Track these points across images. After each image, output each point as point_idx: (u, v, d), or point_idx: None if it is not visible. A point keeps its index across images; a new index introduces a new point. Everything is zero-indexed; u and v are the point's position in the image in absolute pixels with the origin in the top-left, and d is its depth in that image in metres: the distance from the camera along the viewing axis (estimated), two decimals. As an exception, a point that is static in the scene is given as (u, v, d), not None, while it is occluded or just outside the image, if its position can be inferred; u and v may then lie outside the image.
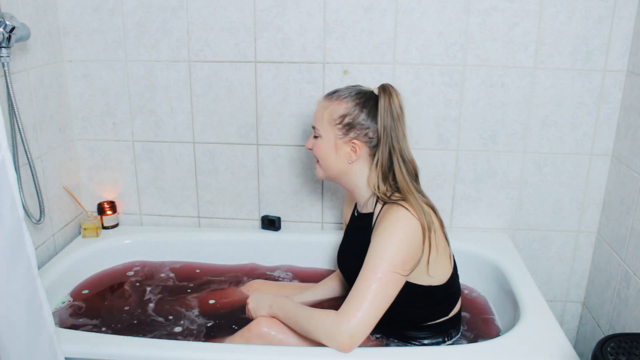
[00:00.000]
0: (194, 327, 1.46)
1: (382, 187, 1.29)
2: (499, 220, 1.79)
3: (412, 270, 1.22)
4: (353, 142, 1.30)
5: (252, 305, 1.37)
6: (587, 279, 1.83)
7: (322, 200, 1.82)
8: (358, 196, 1.37)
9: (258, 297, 1.38)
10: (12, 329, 1.01)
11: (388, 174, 1.30)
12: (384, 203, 1.28)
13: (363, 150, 1.31)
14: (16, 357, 1.03)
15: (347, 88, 1.35)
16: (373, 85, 1.66)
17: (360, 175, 1.34)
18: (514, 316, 1.40)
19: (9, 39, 1.36)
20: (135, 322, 1.49)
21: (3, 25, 1.34)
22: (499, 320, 1.51)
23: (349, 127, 1.30)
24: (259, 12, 1.64)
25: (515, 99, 1.66)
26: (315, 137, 1.35)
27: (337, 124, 1.30)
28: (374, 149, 1.31)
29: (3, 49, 1.36)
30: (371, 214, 1.32)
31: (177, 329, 1.45)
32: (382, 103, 1.29)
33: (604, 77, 1.61)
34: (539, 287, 1.48)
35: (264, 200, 1.85)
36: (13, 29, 1.36)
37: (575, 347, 1.87)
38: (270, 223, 1.84)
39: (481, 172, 1.74)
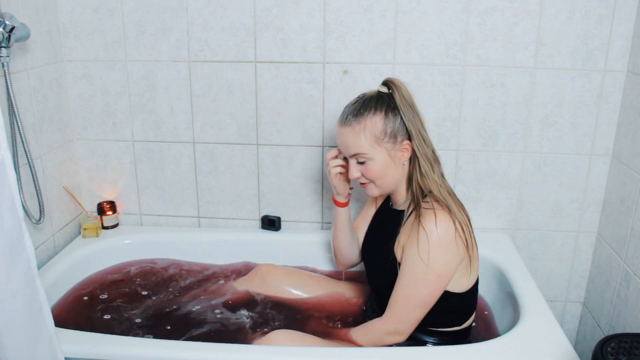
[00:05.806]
0: (194, 327, 1.46)
1: (420, 182, 1.29)
2: (499, 220, 1.79)
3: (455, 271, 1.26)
4: (406, 145, 1.29)
5: None
6: (587, 279, 1.83)
7: (322, 200, 1.82)
8: (399, 194, 1.36)
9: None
10: (12, 329, 1.01)
11: (434, 163, 1.30)
12: (417, 204, 1.27)
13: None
14: (16, 357, 1.03)
15: (358, 103, 1.31)
16: (373, 86, 1.66)
17: (406, 172, 1.33)
18: (514, 316, 1.40)
19: (8, 38, 1.36)
20: (135, 322, 1.48)
21: (3, 25, 1.34)
22: (499, 320, 1.51)
23: (393, 134, 1.28)
24: (259, 12, 1.64)
25: (515, 99, 1.66)
26: (361, 162, 1.30)
27: (383, 139, 1.27)
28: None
29: (3, 49, 1.36)
30: (402, 212, 1.34)
31: (177, 329, 1.45)
32: (397, 99, 1.28)
33: (604, 77, 1.61)
34: (539, 287, 1.48)
35: (264, 200, 1.84)
36: (13, 28, 1.36)
37: (575, 347, 1.87)
38: (270, 223, 1.84)
39: (481, 172, 1.74)
